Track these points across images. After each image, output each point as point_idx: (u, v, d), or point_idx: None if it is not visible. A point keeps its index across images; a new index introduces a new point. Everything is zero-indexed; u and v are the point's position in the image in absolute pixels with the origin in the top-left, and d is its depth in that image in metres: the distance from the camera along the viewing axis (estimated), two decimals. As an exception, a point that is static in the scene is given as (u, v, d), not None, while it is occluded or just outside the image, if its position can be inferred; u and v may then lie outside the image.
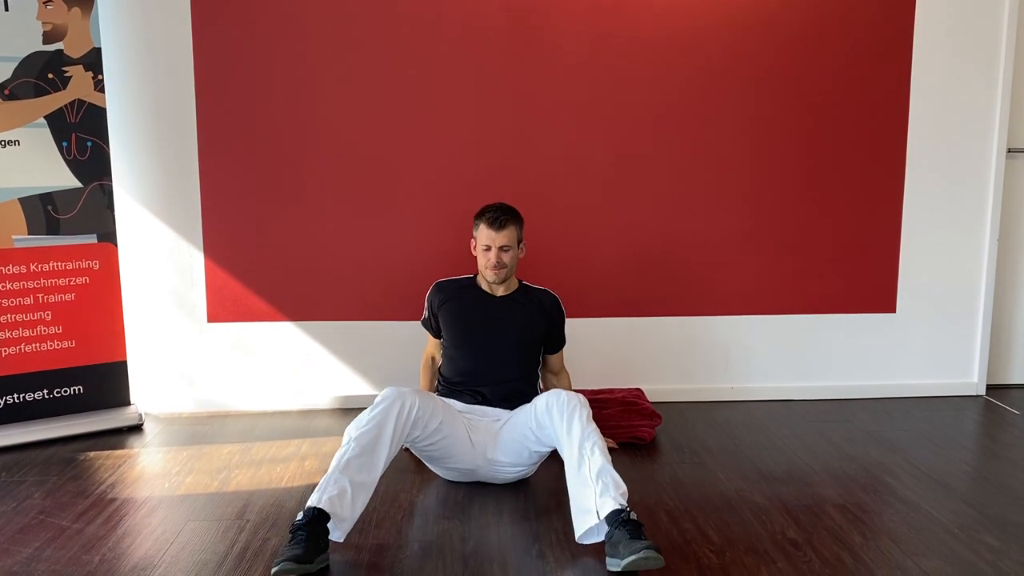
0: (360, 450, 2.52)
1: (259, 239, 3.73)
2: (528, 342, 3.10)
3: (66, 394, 3.50)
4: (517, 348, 3.07)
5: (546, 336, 3.16)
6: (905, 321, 3.98)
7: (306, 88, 3.67)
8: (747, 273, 3.90)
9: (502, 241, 3.00)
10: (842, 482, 3.02)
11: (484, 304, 3.09)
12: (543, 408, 2.70)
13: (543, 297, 3.17)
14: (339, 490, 2.45)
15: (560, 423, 2.62)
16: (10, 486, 2.98)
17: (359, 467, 2.51)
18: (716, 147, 3.81)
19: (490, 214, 3.02)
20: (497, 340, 3.05)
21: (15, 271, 3.37)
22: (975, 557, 2.48)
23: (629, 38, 3.72)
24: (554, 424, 2.65)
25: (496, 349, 3.05)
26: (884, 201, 3.90)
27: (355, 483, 2.48)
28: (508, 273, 3.06)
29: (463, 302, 3.12)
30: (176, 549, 2.51)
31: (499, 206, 3.06)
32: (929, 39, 3.81)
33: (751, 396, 3.94)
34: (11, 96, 3.32)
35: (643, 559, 2.27)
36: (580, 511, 2.49)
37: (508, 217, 3.02)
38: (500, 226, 2.99)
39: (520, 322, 3.08)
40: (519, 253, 3.10)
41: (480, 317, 3.08)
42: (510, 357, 3.06)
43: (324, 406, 3.83)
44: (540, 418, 2.71)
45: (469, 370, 3.05)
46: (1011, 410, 3.84)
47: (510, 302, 3.10)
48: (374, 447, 2.54)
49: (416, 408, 2.65)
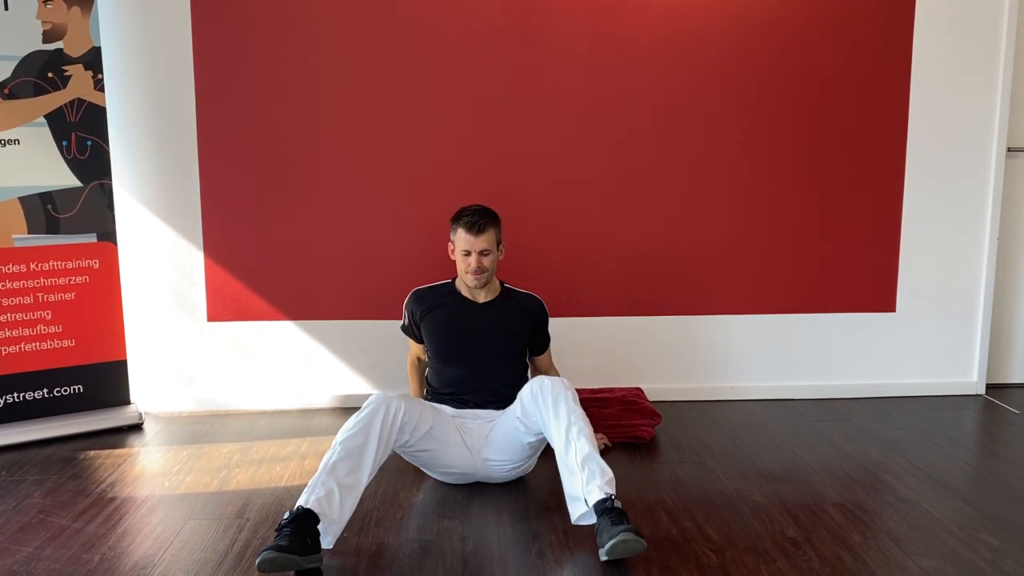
0: (346, 453, 2.52)
1: (259, 238, 3.73)
2: (515, 347, 3.08)
3: (66, 393, 3.50)
4: (504, 355, 3.04)
5: (531, 339, 3.13)
6: (905, 320, 3.98)
7: (306, 87, 3.67)
8: (747, 272, 3.90)
9: (482, 245, 2.92)
10: (842, 481, 3.02)
11: (468, 313, 3.04)
12: (528, 396, 2.72)
13: (525, 301, 3.11)
14: (326, 491, 2.44)
15: (546, 409, 2.64)
16: (10, 485, 2.98)
17: (346, 470, 2.50)
18: (716, 146, 3.81)
19: (468, 218, 2.93)
20: (484, 350, 3.01)
21: (15, 270, 3.37)
22: (975, 556, 2.48)
23: (628, 38, 3.72)
24: (539, 410, 2.67)
25: (484, 357, 3.01)
26: (884, 200, 3.90)
27: (342, 485, 2.47)
28: (489, 277, 3.00)
29: (446, 312, 3.05)
30: (176, 548, 2.52)
31: (476, 209, 2.98)
32: (929, 39, 3.81)
33: (751, 395, 3.94)
34: (11, 95, 3.32)
35: (622, 541, 2.31)
36: (571, 498, 2.55)
37: (487, 220, 2.94)
38: (479, 230, 2.91)
39: (505, 328, 3.04)
40: (499, 255, 3.03)
41: (465, 327, 3.03)
42: (498, 364, 3.03)
43: (324, 405, 3.83)
44: (527, 406, 2.73)
45: (457, 380, 3.02)
46: (1011, 409, 3.85)
47: (493, 308, 3.05)
48: (361, 451, 2.54)
49: (403, 412, 2.65)
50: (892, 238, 3.92)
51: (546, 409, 2.64)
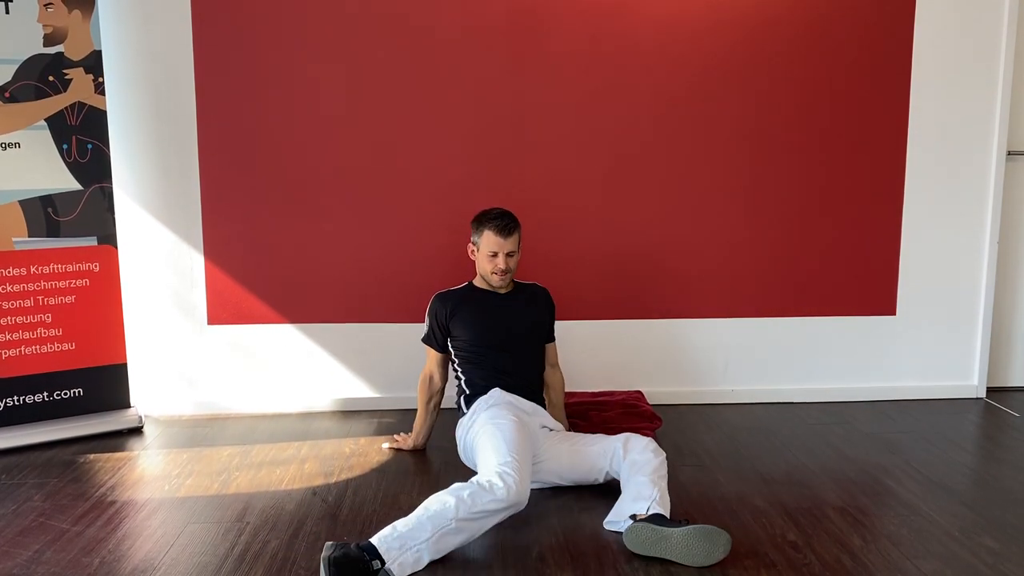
0: (457, 530, 2.40)
1: (259, 241, 3.73)
2: (540, 333, 3.21)
3: (66, 396, 3.50)
4: (534, 340, 3.18)
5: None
6: (905, 324, 3.98)
7: (306, 91, 3.67)
8: (747, 275, 3.90)
9: (509, 247, 3.06)
10: (842, 485, 3.02)
11: (494, 302, 3.16)
12: (626, 462, 2.76)
13: (537, 291, 3.27)
14: (415, 560, 2.35)
15: (640, 478, 2.67)
16: (10, 488, 2.98)
17: (448, 545, 2.41)
18: (716, 149, 3.81)
19: (497, 221, 3.05)
20: (516, 333, 3.14)
21: (15, 273, 3.37)
22: (975, 560, 2.48)
23: (628, 40, 3.72)
24: (632, 477, 2.70)
25: (519, 343, 3.13)
26: (884, 203, 3.90)
27: (433, 552, 2.38)
28: (511, 277, 3.14)
29: (476, 304, 3.16)
30: (176, 551, 2.51)
31: (502, 212, 3.10)
32: (929, 41, 3.81)
33: (751, 399, 3.94)
34: (12, 99, 3.33)
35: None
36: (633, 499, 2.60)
37: (515, 223, 3.09)
38: (508, 233, 3.05)
39: (530, 314, 3.18)
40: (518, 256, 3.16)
41: (498, 315, 3.14)
42: (531, 352, 3.17)
43: (324, 408, 3.83)
44: (619, 467, 2.78)
45: (499, 365, 3.08)
46: (1011, 413, 3.84)
47: (515, 299, 3.18)
48: (473, 534, 2.45)
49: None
50: (892, 241, 3.92)
51: (641, 478, 2.67)
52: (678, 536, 2.40)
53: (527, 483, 2.53)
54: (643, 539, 2.43)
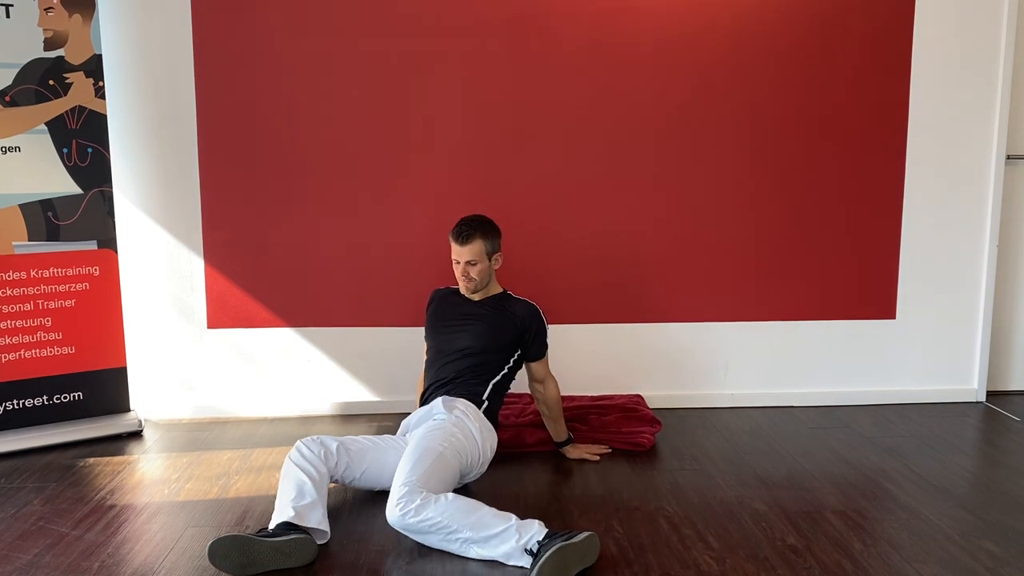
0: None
1: (259, 245, 3.74)
2: (486, 349, 3.07)
3: (66, 400, 3.50)
4: (477, 349, 3.06)
5: (520, 345, 3.13)
6: (905, 327, 3.98)
7: (306, 95, 3.68)
8: (747, 279, 3.90)
9: (467, 256, 3.04)
10: (842, 488, 3.02)
11: (458, 307, 3.17)
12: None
13: (518, 307, 3.13)
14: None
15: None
16: (9, 492, 2.97)
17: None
18: (715, 151, 3.82)
19: (457, 229, 3.07)
20: (458, 337, 3.10)
21: (15, 277, 3.38)
22: (975, 563, 2.48)
23: (626, 43, 3.72)
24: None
25: (455, 345, 3.09)
26: (883, 207, 3.90)
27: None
28: (478, 285, 3.10)
29: (443, 302, 3.23)
30: (176, 555, 2.51)
31: (467, 220, 3.08)
32: (929, 45, 3.81)
33: (751, 402, 3.94)
34: (12, 103, 3.33)
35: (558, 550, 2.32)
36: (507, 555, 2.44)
37: (472, 231, 3.04)
38: (464, 240, 3.04)
39: (486, 327, 3.08)
40: (493, 264, 3.11)
41: (449, 316, 3.17)
42: (473, 361, 3.05)
43: (323, 412, 3.83)
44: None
45: (430, 369, 3.13)
46: (1011, 416, 3.84)
47: (483, 307, 3.14)
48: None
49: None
50: (892, 245, 3.93)
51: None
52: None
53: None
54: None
